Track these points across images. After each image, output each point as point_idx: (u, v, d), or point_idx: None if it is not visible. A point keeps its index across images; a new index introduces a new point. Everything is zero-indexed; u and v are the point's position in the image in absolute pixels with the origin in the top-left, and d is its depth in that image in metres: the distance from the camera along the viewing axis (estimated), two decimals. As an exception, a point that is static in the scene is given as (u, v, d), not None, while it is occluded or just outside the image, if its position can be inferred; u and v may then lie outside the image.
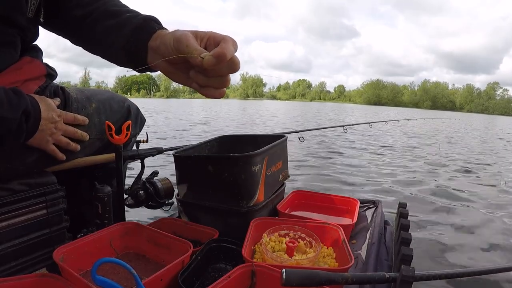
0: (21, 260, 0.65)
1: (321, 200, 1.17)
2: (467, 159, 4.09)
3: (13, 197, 0.63)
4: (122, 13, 0.60)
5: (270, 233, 0.80)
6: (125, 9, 0.62)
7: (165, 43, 0.49)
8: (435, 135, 7.26)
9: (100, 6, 0.63)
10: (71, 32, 0.67)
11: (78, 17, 0.63)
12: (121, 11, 0.61)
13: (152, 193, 0.95)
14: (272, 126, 7.67)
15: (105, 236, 0.73)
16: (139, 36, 0.55)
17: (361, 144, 4.91)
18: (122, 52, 0.58)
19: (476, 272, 0.62)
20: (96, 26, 0.61)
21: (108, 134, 0.79)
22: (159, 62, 0.51)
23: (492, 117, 40.60)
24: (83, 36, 0.65)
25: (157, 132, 5.40)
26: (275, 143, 0.96)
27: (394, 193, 2.25)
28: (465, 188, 2.53)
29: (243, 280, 0.61)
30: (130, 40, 0.55)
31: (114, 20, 0.59)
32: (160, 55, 0.51)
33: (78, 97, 0.75)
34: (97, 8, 0.63)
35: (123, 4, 0.65)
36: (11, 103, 0.54)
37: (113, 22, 0.59)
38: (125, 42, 0.56)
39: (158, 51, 0.51)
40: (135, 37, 0.55)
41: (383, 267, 0.81)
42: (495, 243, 1.48)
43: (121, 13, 0.60)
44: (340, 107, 38.06)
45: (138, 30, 0.55)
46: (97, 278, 0.46)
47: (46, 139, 0.64)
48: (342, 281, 0.53)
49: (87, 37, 0.64)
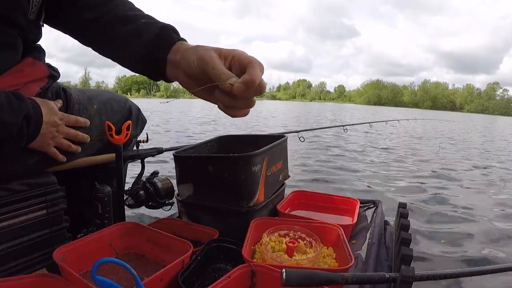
0: (21, 260, 0.65)
1: (321, 200, 1.17)
2: (467, 159, 4.09)
3: (13, 197, 0.63)
4: (137, 18, 0.59)
5: (270, 233, 0.80)
6: (140, 13, 0.61)
7: (187, 59, 0.49)
8: (435, 135, 7.26)
9: (112, 8, 0.62)
10: (81, 34, 0.66)
11: (89, 19, 0.62)
12: (136, 17, 0.60)
13: (152, 193, 0.95)
14: (272, 126, 7.67)
15: (105, 236, 0.73)
16: (158, 47, 0.54)
17: (361, 144, 4.91)
18: (140, 62, 0.57)
19: (476, 272, 0.62)
20: (111, 31, 0.60)
21: (108, 134, 0.78)
22: (196, 91, 0.51)
23: (492, 117, 40.62)
24: (95, 40, 0.64)
25: (158, 133, 5.40)
26: (275, 143, 0.96)
27: (394, 193, 2.25)
28: (465, 188, 2.53)
29: (243, 280, 0.61)
30: (149, 51, 0.55)
31: (130, 26, 0.58)
32: (181, 70, 0.51)
33: (80, 99, 0.74)
34: (109, 11, 0.61)
35: (136, 8, 0.64)
36: (12, 107, 0.54)
37: (129, 29, 0.58)
38: (144, 53, 0.55)
39: (179, 66, 0.51)
40: (154, 49, 0.54)
41: (383, 267, 0.81)
42: (495, 243, 1.48)
43: (136, 18, 0.59)
44: (340, 107, 38.09)
45: (157, 41, 0.54)
46: (97, 278, 0.46)
47: (47, 142, 0.64)
48: (342, 281, 0.53)
49: (101, 42, 0.63)
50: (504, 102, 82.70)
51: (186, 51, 0.50)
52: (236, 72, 0.46)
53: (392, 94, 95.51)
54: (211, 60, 0.45)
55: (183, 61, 0.50)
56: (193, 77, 0.50)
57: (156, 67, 0.55)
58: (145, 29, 0.57)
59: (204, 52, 0.47)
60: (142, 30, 0.57)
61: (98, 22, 0.61)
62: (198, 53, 0.48)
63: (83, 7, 0.63)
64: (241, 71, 0.45)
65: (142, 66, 0.58)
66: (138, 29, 0.57)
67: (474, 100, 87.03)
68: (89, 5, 0.62)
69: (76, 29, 0.66)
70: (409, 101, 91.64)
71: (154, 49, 0.54)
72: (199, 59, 0.47)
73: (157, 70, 0.55)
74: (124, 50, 0.59)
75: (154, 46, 0.55)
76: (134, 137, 0.95)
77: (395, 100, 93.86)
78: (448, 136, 7.43)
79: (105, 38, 0.61)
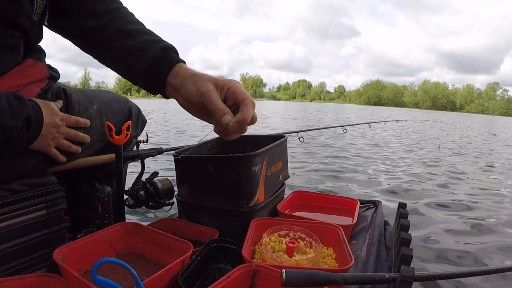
0: (21, 260, 0.65)
1: (321, 200, 1.17)
2: (467, 159, 4.10)
3: (13, 197, 0.63)
4: (139, 34, 0.61)
5: (270, 234, 0.80)
6: (142, 29, 0.63)
7: (187, 89, 0.54)
8: (435, 135, 7.26)
9: (114, 20, 0.63)
10: (82, 42, 0.67)
11: (92, 28, 0.63)
12: (137, 32, 0.62)
13: (152, 194, 0.95)
14: (272, 126, 7.67)
15: (105, 236, 0.73)
16: (159, 68, 0.58)
17: (361, 144, 4.91)
18: (140, 77, 0.60)
19: (476, 272, 0.62)
20: (112, 43, 0.62)
21: (108, 134, 0.78)
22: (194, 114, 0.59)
23: (492, 117, 40.61)
24: (96, 49, 0.66)
25: (158, 133, 5.40)
26: (275, 144, 0.96)
27: (394, 193, 2.25)
28: (466, 188, 2.53)
29: (243, 280, 0.61)
30: (150, 70, 0.58)
31: (133, 42, 0.60)
32: (181, 95, 0.57)
33: (80, 99, 0.74)
34: (112, 22, 0.63)
35: (138, 22, 0.66)
36: (13, 110, 0.54)
37: (131, 44, 0.60)
38: (144, 70, 0.59)
39: (179, 91, 0.56)
40: (154, 68, 0.58)
41: (383, 267, 0.81)
42: (495, 243, 1.48)
43: (138, 34, 0.61)
44: (340, 107, 38.08)
45: (157, 61, 0.58)
46: (97, 278, 0.46)
47: (48, 143, 0.64)
48: (342, 281, 0.53)
49: (102, 52, 0.65)
50: (504, 102, 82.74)
51: (185, 79, 0.55)
52: (230, 103, 0.53)
53: (392, 94, 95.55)
54: (209, 94, 0.52)
55: (183, 89, 0.55)
56: (192, 104, 0.56)
57: (156, 85, 0.59)
58: (147, 47, 0.59)
59: (202, 84, 0.53)
60: (143, 48, 0.59)
61: (101, 32, 0.63)
62: (196, 85, 0.53)
63: (87, 15, 0.64)
64: (235, 102, 0.53)
65: (142, 80, 0.61)
66: (139, 46, 0.60)
67: (474, 100, 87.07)
68: (94, 14, 0.64)
69: (77, 35, 0.67)
70: (409, 102, 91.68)
71: (155, 68, 0.58)
72: (198, 91, 0.53)
73: (156, 87, 0.59)
74: (125, 64, 0.62)
75: (155, 66, 0.58)
76: (134, 138, 0.95)
77: (395, 100, 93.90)
78: (448, 136, 7.43)
79: (107, 49, 0.63)
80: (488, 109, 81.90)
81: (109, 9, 0.65)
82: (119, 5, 0.68)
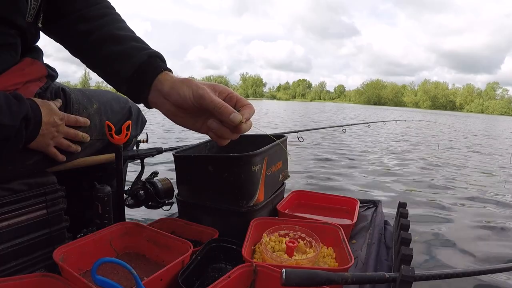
0: (21, 260, 0.65)
1: (321, 200, 1.17)
2: (467, 159, 4.10)
3: (13, 197, 0.63)
4: (127, 41, 0.61)
5: (270, 233, 0.80)
6: (131, 35, 0.63)
7: (180, 93, 0.52)
8: (435, 135, 7.27)
9: (104, 25, 0.63)
10: (71, 44, 0.67)
11: (81, 32, 0.64)
12: (126, 38, 0.61)
13: (152, 193, 0.95)
14: (272, 126, 7.66)
15: (105, 236, 0.73)
16: (144, 75, 0.57)
17: (360, 144, 4.91)
18: (124, 83, 0.59)
19: (476, 272, 0.62)
20: (100, 47, 0.62)
21: (108, 134, 0.78)
22: (182, 120, 0.57)
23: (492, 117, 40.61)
24: (84, 53, 0.66)
25: (158, 133, 5.39)
26: (274, 143, 0.96)
27: (394, 193, 2.25)
28: (466, 188, 2.53)
29: (243, 280, 0.61)
30: (135, 76, 0.57)
31: (120, 47, 0.60)
32: (170, 101, 0.54)
33: (79, 98, 0.74)
34: (101, 27, 0.63)
35: (128, 28, 0.66)
36: (10, 109, 0.53)
37: (118, 49, 0.60)
38: (129, 76, 0.58)
39: (168, 97, 0.54)
40: (139, 74, 0.57)
41: (383, 267, 0.82)
42: (495, 243, 1.48)
43: (126, 40, 0.61)
44: (340, 107, 38.08)
45: (143, 67, 0.57)
46: (97, 278, 0.46)
47: (47, 143, 0.64)
48: (342, 281, 0.53)
49: (89, 56, 0.65)
50: (504, 102, 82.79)
51: (175, 84, 0.53)
52: None
53: (392, 94, 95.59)
54: (209, 95, 0.51)
55: (175, 95, 0.53)
56: (184, 108, 0.53)
57: (139, 92, 0.57)
58: (134, 53, 0.59)
59: (199, 87, 0.51)
60: (130, 54, 0.59)
61: (90, 36, 0.63)
62: (192, 88, 0.52)
63: (78, 19, 0.64)
64: (234, 107, 0.52)
65: (126, 87, 0.59)
66: (126, 52, 0.59)
67: (474, 100, 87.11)
68: (84, 18, 0.64)
69: (67, 39, 0.68)
70: (409, 101, 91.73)
71: (139, 75, 0.57)
72: (195, 94, 0.51)
73: (139, 94, 0.58)
74: (110, 69, 0.61)
75: (140, 72, 0.57)
76: (134, 137, 0.95)
77: (395, 100, 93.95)
78: (448, 136, 7.43)
79: (94, 53, 0.63)
80: (488, 108, 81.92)
81: (101, 14, 0.65)
82: (111, 10, 0.68)
